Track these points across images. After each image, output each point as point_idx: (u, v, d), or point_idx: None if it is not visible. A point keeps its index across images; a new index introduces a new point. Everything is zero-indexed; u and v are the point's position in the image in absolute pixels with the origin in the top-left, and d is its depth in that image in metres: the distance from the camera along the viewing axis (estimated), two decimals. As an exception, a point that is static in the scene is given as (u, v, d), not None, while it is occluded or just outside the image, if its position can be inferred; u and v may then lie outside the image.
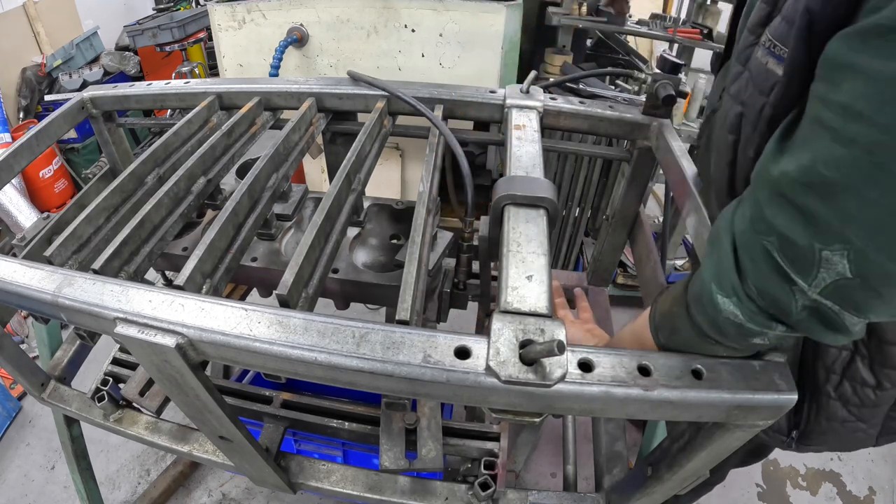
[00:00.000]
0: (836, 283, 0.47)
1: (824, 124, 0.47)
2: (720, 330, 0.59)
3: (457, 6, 1.86)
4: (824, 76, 0.49)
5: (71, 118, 1.26)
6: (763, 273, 0.52)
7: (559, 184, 2.30)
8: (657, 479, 0.88)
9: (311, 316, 0.67)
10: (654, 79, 1.14)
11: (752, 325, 0.56)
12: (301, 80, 1.30)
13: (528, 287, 0.69)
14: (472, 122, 1.46)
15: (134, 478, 2.14)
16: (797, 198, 0.48)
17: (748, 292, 0.54)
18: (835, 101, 0.46)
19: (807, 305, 0.50)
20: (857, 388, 0.80)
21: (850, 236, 0.44)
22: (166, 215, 0.96)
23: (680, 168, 1.03)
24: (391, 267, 1.31)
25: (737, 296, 0.55)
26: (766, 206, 0.51)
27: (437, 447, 0.99)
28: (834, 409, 0.84)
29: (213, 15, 2.04)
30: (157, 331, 0.66)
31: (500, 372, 0.59)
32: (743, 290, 0.54)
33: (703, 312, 0.61)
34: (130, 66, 4.13)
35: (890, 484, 2.25)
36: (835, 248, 0.45)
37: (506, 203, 0.84)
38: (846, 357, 0.79)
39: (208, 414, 0.83)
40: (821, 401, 0.85)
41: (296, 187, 1.13)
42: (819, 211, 0.46)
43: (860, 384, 0.80)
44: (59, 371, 1.29)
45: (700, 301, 0.61)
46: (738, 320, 0.56)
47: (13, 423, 2.33)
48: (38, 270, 0.74)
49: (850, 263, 0.45)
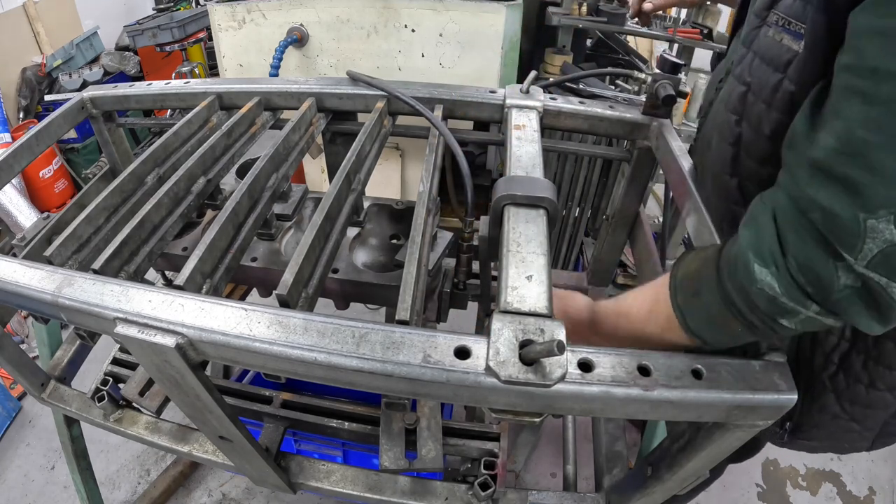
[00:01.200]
0: (884, 252, 0.46)
1: (856, 90, 0.47)
2: (750, 301, 0.57)
3: (457, 6, 1.86)
4: (850, 46, 0.49)
5: (71, 118, 1.26)
6: (806, 246, 0.50)
7: (559, 184, 2.30)
8: (657, 479, 0.88)
9: (311, 316, 0.67)
10: (654, 79, 1.14)
11: (786, 299, 0.53)
12: (301, 80, 1.30)
13: (527, 287, 0.69)
14: (472, 122, 1.46)
15: (134, 478, 2.14)
16: (836, 168, 0.48)
17: (788, 265, 0.52)
18: (864, 66, 0.46)
19: (849, 285, 0.49)
20: (851, 382, 0.80)
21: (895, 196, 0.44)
22: (166, 215, 0.96)
23: (680, 168, 1.03)
24: (391, 267, 1.31)
25: (776, 266, 0.53)
26: (806, 184, 0.51)
27: (437, 447, 0.99)
28: (826, 401, 0.83)
29: (213, 15, 2.04)
30: (157, 331, 0.66)
31: (500, 372, 0.59)
32: (783, 262, 0.53)
33: (735, 280, 0.58)
34: (130, 66, 4.13)
35: (890, 484, 2.25)
36: (880, 215, 0.45)
37: (506, 203, 0.84)
38: (845, 348, 0.78)
39: (208, 414, 0.83)
40: (815, 390, 0.84)
41: (296, 187, 1.13)
42: (860, 178, 0.46)
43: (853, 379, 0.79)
44: (59, 371, 1.29)
45: (735, 266, 0.58)
46: (772, 293, 0.54)
47: (13, 423, 2.33)
48: (38, 270, 0.74)
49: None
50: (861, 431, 0.85)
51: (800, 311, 0.54)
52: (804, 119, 0.55)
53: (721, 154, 0.84)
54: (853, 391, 0.80)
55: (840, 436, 0.87)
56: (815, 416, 0.85)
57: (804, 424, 0.88)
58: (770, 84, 0.71)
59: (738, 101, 0.79)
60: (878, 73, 0.45)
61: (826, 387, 0.81)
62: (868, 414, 0.82)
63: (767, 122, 0.72)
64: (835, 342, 0.79)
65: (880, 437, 0.87)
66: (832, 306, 0.52)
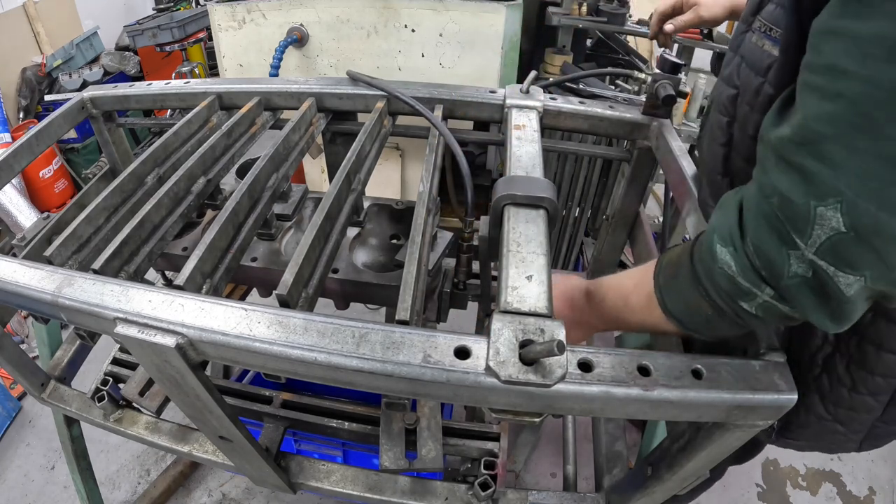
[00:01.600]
0: (831, 239, 0.48)
1: (812, 86, 0.51)
2: (713, 281, 0.61)
3: (457, 6, 1.86)
4: (811, 45, 0.52)
5: (71, 118, 1.26)
6: (762, 231, 0.54)
7: (559, 184, 2.30)
8: (657, 479, 0.88)
9: (311, 316, 0.67)
10: (654, 79, 1.14)
11: (742, 279, 0.57)
12: (301, 80, 1.30)
13: (527, 287, 0.69)
14: (472, 122, 1.46)
15: (134, 478, 2.14)
16: (793, 157, 0.51)
17: (745, 248, 0.56)
18: (820, 63, 0.50)
19: (799, 273, 0.52)
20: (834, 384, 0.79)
21: (842, 187, 0.47)
22: (166, 215, 0.96)
23: (680, 168, 1.03)
24: (391, 267, 1.31)
25: (734, 246, 0.57)
26: (770, 170, 0.54)
27: (437, 447, 0.99)
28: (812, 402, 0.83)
29: (213, 15, 2.04)
30: (157, 331, 0.66)
31: (500, 372, 0.59)
32: (741, 242, 0.56)
33: (702, 260, 0.62)
34: (130, 66, 4.13)
35: (890, 484, 2.25)
36: (828, 203, 0.47)
37: (506, 203, 0.84)
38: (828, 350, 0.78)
39: (208, 414, 0.83)
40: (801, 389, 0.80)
41: (296, 187, 1.13)
42: (812, 167, 0.49)
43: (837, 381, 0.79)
44: (59, 371, 1.29)
45: (701, 248, 0.63)
46: (731, 272, 0.57)
47: (13, 423, 2.33)
48: (38, 270, 0.74)
49: (843, 216, 0.47)
50: (847, 433, 0.85)
51: (756, 294, 0.57)
52: (773, 115, 0.58)
53: (713, 154, 0.87)
54: (837, 394, 0.80)
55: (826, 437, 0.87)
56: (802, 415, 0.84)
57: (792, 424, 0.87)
58: (753, 87, 0.74)
59: (728, 103, 0.82)
60: (833, 71, 0.48)
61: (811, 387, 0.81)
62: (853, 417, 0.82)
63: (751, 124, 0.76)
64: (819, 343, 0.78)
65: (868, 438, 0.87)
66: (783, 292, 0.54)
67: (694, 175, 1.01)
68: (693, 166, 1.03)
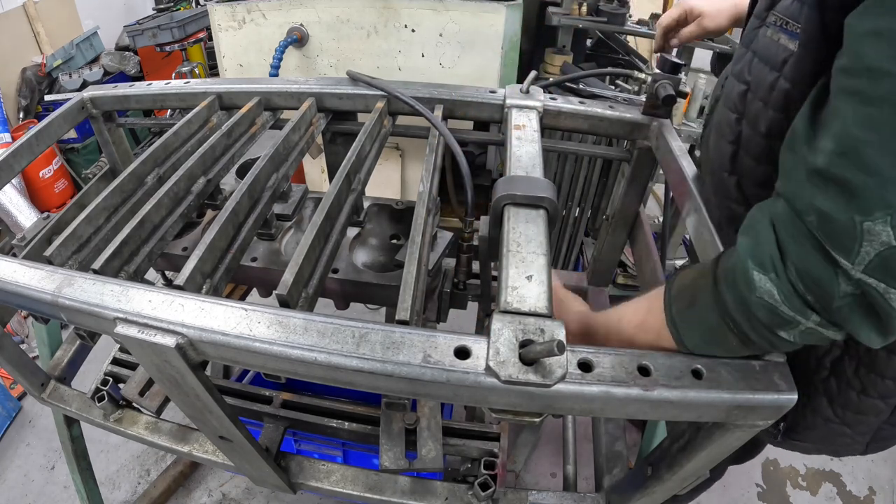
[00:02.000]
0: (881, 255, 0.45)
1: (852, 91, 0.47)
2: (748, 313, 0.55)
3: (457, 6, 1.86)
4: (847, 49, 0.49)
5: (71, 118, 1.26)
6: (806, 252, 0.50)
7: (559, 184, 2.30)
8: (657, 479, 0.88)
9: (311, 316, 0.67)
10: (654, 79, 1.14)
11: (786, 308, 0.52)
12: (301, 80, 1.30)
13: (527, 287, 0.69)
14: (472, 122, 1.46)
15: (134, 478, 2.14)
16: (833, 171, 0.47)
17: (788, 272, 0.51)
18: (860, 67, 0.47)
19: (849, 293, 0.48)
20: (843, 387, 0.79)
21: (891, 198, 0.43)
22: (166, 215, 0.96)
23: (680, 168, 1.03)
24: (391, 267, 1.31)
25: (775, 272, 0.52)
26: (803, 186, 0.50)
27: (437, 447, 0.99)
28: (819, 404, 0.82)
29: (213, 15, 2.04)
30: (157, 331, 0.66)
31: (500, 372, 0.59)
32: (783, 267, 0.51)
33: (733, 289, 0.57)
34: (130, 66, 4.13)
35: (890, 484, 2.25)
36: (876, 217, 0.44)
37: (506, 203, 0.84)
38: (837, 354, 0.78)
39: (208, 414, 0.83)
40: (809, 391, 0.83)
41: (296, 187, 1.13)
42: (856, 179, 0.45)
43: (846, 385, 0.79)
44: (59, 371, 1.29)
45: (733, 275, 0.57)
46: (772, 301, 0.53)
47: (13, 423, 2.33)
48: (38, 270, 0.74)
49: (893, 230, 0.44)
50: (853, 436, 0.85)
51: (800, 322, 0.53)
52: (804, 120, 0.55)
53: (720, 152, 0.85)
54: (845, 396, 0.79)
55: (833, 439, 0.86)
56: (809, 418, 0.85)
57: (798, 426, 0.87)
58: (767, 82, 0.72)
59: (738, 99, 0.80)
60: (874, 73, 0.45)
61: (818, 390, 0.81)
62: (860, 420, 0.81)
63: (764, 120, 0.73)
64: (827, 347, 0.78)
65: (874, 441, 0.87)
66: (833, 315, 0.51)
67: (694, 175, 1.01)
68: (693, 166, 1.03)
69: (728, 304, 0.58)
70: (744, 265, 0.55)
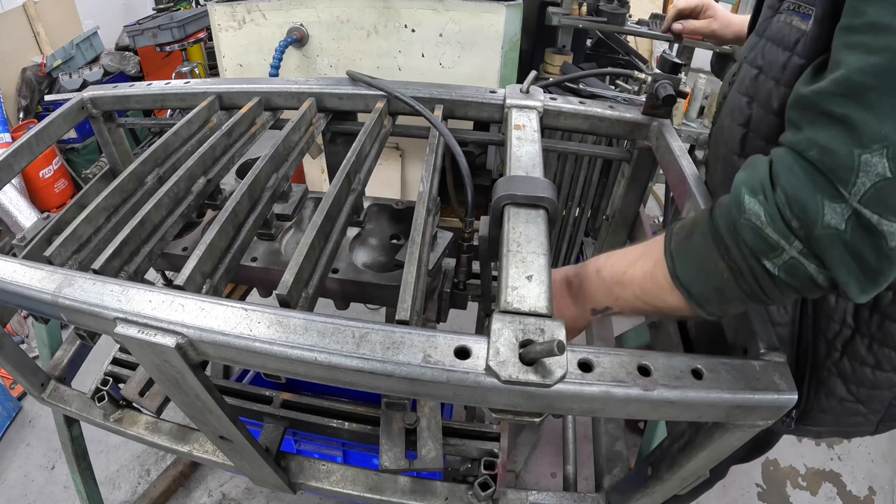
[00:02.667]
0: (876, 186, 0.48)
1: (854, 45, 0.52)
2: (736, 235, 0.59)
3: (457, 6, 1.86)
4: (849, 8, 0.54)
5: (71, 118, 1.26)
6: (797, 180, 0.53)
7: (559, 184, 2.29)
8: (657, 479, 0.88)
9: (311, 316, 0.67)
10: (654, 79, 1.14)
11: (771, 230, 0.55)
12: (301, 80, 1.30)
13: (528, 287, 0.69)
14: (472, 122, 1.46)
15: (134, 478, 2.14)
16: (835, 108, 0.52)
17: (776, 197, 0.55)
18: (863, 23, 0.52)
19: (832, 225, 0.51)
20: (857, 366, 0.82)
21: (889, 132, 0.48)
22: (166, 215, 0.96)
23: (680, 168, 1.03)
24: (391, 267, 1.31)
25: (764, 195, 0.56)
26: (805, 128, 0.55)
27: (437, 447, 0.99)
28: (833, 385, 0.85)
29: (213, 15, 2.04)
30: (157, 331, 0.66)
31: (500, 372, 0.59)
32: (772, 192, 0.55)
33: (726, 215, 0.61)
34: (130, 66, 4.14)
35: (890, 484, 2.25)
36: (874, 149, 0.48)
37: (506, 203, 0.84)
38: (847, 334, 0.81)
39: (208, 414, 0.83)
40: (821, 375, 0.86)
41: (296, 187, 1.13)
42: (856, 115, 0.50)
43: (859, 363, 0.81)
44: (59, 371, 1.29)
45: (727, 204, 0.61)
46: (758, 223, 0.56)
47: (13, 423, 2.33)
48: (38, 270, 0.74)
49: (889, 161, 0.48)
50: (866, 414, 0.88)
51: (783, 248, 0.55)
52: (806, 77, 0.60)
53: (731, 135, 0.88)
54: (859, 374, 0.82)
55: (845, 419, 0.89)
56: (823, 400, 0.87)
57: (812, 410, 0.90)
58: (779, 62, 0.76)
59: (749, 83, 0.84)
60: (878, 27, 0.50)
61: (832, 372, 0.84)
62: (874, 395, 0.84)
63: (776, 98, 0.76)
64: (837, 329, 0.81)
65: (884, 420, 0.90)
66: (814, 244, 0.53)
67: (694, 175, 1.01)
68: (693, 166, 1.03)
69: (720, 228, 0.61)
70: (737, 191, 0.59)
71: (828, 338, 0.82)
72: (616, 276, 0.77)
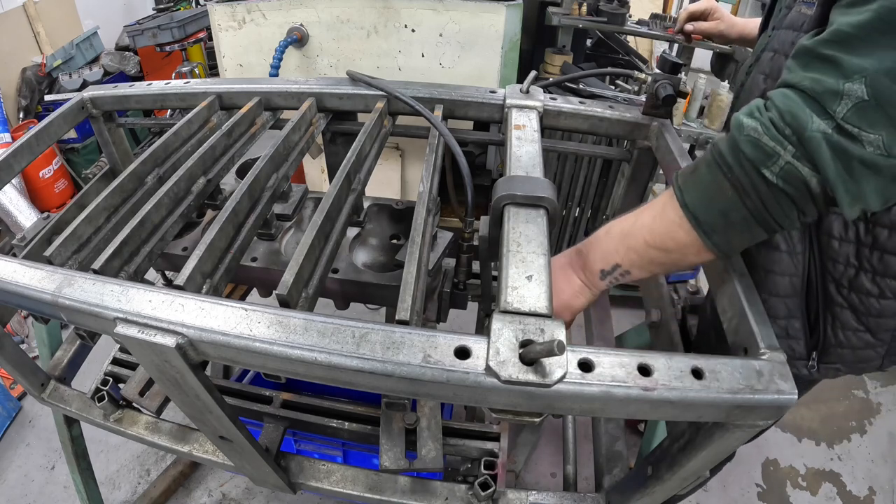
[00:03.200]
0: (857, 106, 0.60)
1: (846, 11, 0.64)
2: (737, 151, 0.67)
3: (457, 6, 1.86)
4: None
5: (71, 118, 1.26)
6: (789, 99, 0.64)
7: (559, 184, 2.30)
8: (657, 479, 0.88)
9: (311, 316, 0.67)
10: (654, 79, 1.14)
11: (767, 139, 0.65)
12: (301, 80, 1.30)
13: (528, 287, 0.69)
14: (472, 122, 1.46)
15: (134, 478, 2.14)
16: (826, 51, 0.64)
17: (770, 112, 0.66)
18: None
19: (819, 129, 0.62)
20: (864, 297, 0.94)
21: (866, 66, 0.60)
22: (166, 215, 0.96)
23: (680, 168, 1.03)
24: (391, 267, 1.31)
25: (760, 113, 0.67)
26: (801, 65, 0.67)
27: (437, 447, 0.99)
28: (846, 318, 0.97)
29: (213, 15, 2.04)
30: (157, 331, 0.66)
31: (500, 372, 0.59)
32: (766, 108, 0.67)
33: (726, 139, 0.70)
34: (130, 66, 4.14)
35: (890, 484, 2.25)
36: (855, 79, 0.60)
37: (506, 203, 0.84)
38: (851, 273, 0.93)
39: (208, 414, 0.83)
40: (834, 311, 0.98)
41: (296, 187, 1.13)
42: (843, 56, 0.62)
43: (865, 294, 0.94)
44: (59, 371, 1.29)
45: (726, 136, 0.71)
46: (755, 135, 0.66)
47: (13, 423, 2.33)
48: (38, 270, 0.74)
49: (867, 87, 0.60)
50: (875, 346, 0.99)
51: (779, 154, 0.64)
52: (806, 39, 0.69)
53: None
54: (867, 305, 0.95)
55: (859, 354, 1.00)
56: (840, 334, 0.99)
57: (830, 346, 1.01)
58: (790, 41, 0.95)
59: (766, 63, 1.02)
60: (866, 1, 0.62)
61: (844, 306, 0.97)
62: (881, 323, 0.96)
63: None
64: (842, 269, 0.94)
65: (889, 354, 1.01)
66: (805, 145, 0.63)
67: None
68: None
69: (723, 152, 0.70)
70: (736, 119, 0.69)
71: (836, 277, 0.95)
72: (625, 228, 0.84)
